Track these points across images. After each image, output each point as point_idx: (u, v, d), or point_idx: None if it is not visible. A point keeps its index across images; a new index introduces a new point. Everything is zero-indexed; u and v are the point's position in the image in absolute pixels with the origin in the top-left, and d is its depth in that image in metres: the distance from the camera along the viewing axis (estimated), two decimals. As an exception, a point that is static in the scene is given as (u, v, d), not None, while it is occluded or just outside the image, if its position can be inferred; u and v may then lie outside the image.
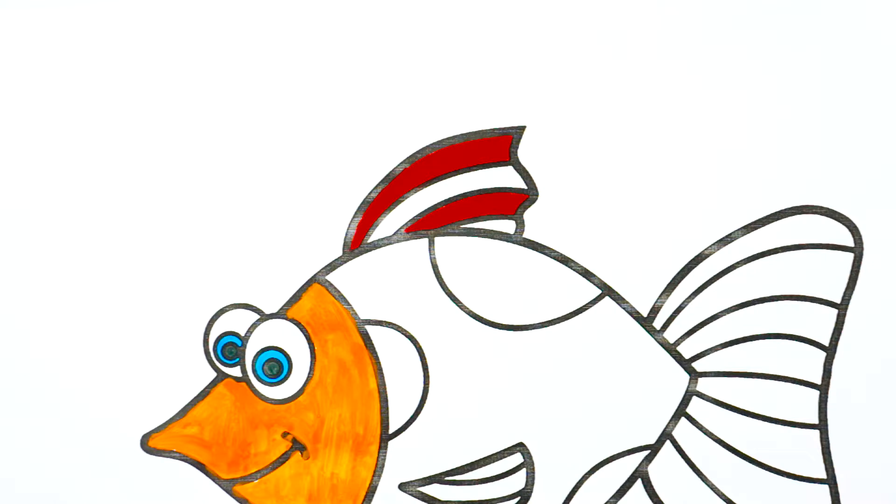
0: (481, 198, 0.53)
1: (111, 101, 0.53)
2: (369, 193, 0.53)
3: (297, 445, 0.53)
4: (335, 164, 0.53)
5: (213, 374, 0.53)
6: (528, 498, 0.53)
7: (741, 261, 0.52)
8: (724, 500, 0.52)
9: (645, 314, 0.52)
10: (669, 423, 0.52)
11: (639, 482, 0.53)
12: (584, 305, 0.52)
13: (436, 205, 0.53)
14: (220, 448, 0.53)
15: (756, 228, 0.52)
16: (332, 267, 0.53)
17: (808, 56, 0.52)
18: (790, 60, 0.52)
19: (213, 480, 0.53)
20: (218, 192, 0.53)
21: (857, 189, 0.52)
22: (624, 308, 0.52)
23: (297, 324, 0.53)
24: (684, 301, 0.52)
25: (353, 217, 0.53)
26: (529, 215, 0.52)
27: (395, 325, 0.53)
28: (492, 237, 0.53)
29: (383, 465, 0.53)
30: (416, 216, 0.53)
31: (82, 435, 0.53)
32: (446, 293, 0.53)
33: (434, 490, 0.53)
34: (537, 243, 0.52)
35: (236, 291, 0.53)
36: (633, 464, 0.53)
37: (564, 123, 0.52)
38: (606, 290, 0.52)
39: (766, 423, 0.52)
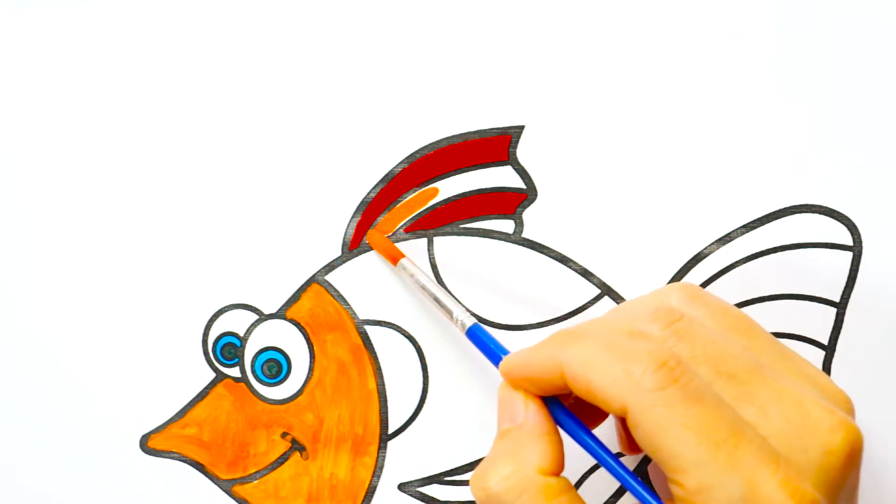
0: (480, 197, 0.53)
1: (109, 101, 0.53)
2: (368, 193, 0.53)
3: (297, 446, 0.53)
4: (333, 164, 0.53)
5: (212, 375, 0.53)
6: (527, 498, 0.53)
7: (740, 260, 0.52)
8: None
9: (644, 314, 0.52)
10: (669, 422, 0.52)
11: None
12: (584, 305, 0.52)
13: (435, 204, 0.53)
14: (220, 448, 0.53)
15: (755, 227, 0.52)
16: (330, 267, 0.53)
17: (808, 55, 0.52)
18: (790, 60, 0.52)
19: (213, 481, 0.53)
20: (216, 192, 0.53)
21: (857, 188, 0.52)
22: (623, 308, 0.52)
23: (296, 324, 0.53)
24: (684, 300, 0.52)
25: (352, 217, 0.53)
26: (528, 215, 0.52)
27: (394, 325, 0.53)
28: (491, 237, 0.53)
29: (383, 466, 0.53)
30: (416, 216, 0.53)
31: (81, 435, 0.53)
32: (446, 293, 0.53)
33: (434, 490, 0.53)
34: (536, 243, 0.52)
35: (235, 292, 0.53)
36: (633, 464, 0.52)
37: (563, 123, 0.52)
38: (605, 290, 0.52)
39: (765, 422, 0.52)
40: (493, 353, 0.46)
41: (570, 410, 0.42)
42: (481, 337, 0.47)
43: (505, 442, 0.41)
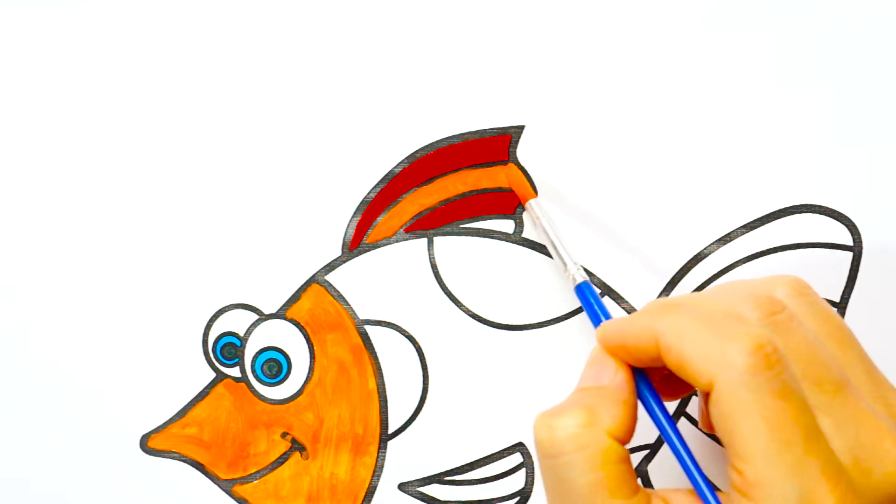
0: (480, 197, 0.53)
1: (109, 101, 0.53)
2: (368, 193, 0.53)
3: (297, 446, 0.53)
4: (334, 164, 0.53)
5: (213, 375, 0.53)
6: (527, 498, 0.53)
7: (741, 260, 0.52)
8: (724, 500, 0.52)
9: (644, 314, 0.52)
10: (669, 422, 0.52)
11: (638, 481, 0.52)
12: (584, 305, 0.52)
13: (435, 204, 0.53)
14: (220, 448, 0.53)
15: (756, 227, 0.52)
16: (331, 267, 0.53)
17: (808, 55, 0.52)
18: (790, 59, 0.52)
19: (213, 481, 0.53)
20: (217, 192, 0.53)
21: (857, 188, 0.52)
22: (623, 308, 0.52)
23: (297, 324, 0.53)
24: (684, 300, 0.52)
25: (352, 217, 0.53)
26: (528, 215, 0.52)
27: (394, 325, 0.53)
28: (491, 237, 0.53)
29: (383, 465, 0.53)
30: (416, 216, 0.53)
31: (82, 435, 0.53)
32: (445, 293, 0.53)
33: (434, 490, 0.53)
34: (536, 243, 0.52)
35: (235, 291, 0.53)
36: (633, 463, 0.52)
37: (563, 123, 0.52)
38: (606, 290, 0.52)
39: (765, 422, 0.52)
40: (596, 314, 0.46)
41: (654, 387, 0.42)
42: (587, 296, 0.47)
43: (583, 396, 0.41)
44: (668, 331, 0.39)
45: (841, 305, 0.52)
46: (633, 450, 0.52)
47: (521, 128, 0.52)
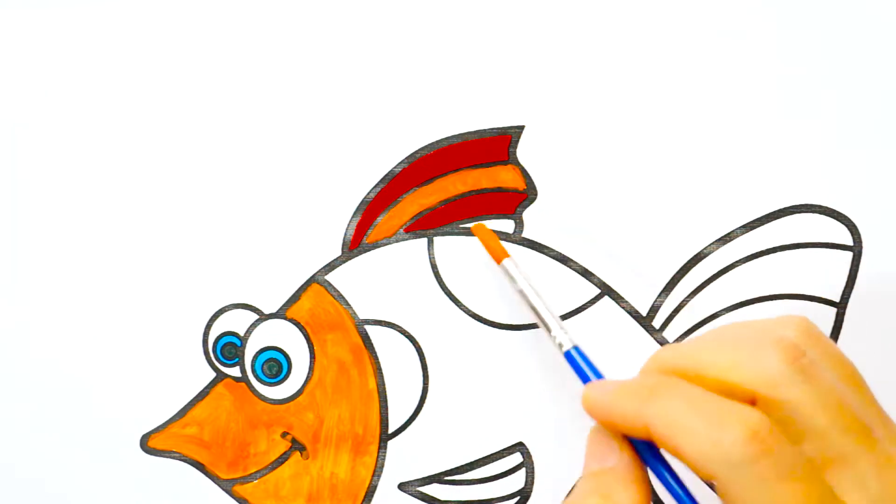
0: (480, 197, 0.53)
1: (110, 101, 0.53)
2: (368, 193, 0.53)
3: (297, 445, 0.53)
4: (333, 164, 0.53)
5: (213, 375, 0.53)
6: (527, 498, 0.53)
7: (740, 259, 0.52)
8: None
9: (644, 313, 0.52)
10: (669, 422, 0.52)
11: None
12: (584, 305, 0.52)
13: (435, 204, 0.53)
14: (220, 448, 0.53)
15: (755, 227, 0.52)
16: (330, 267, 0.53)
17: (808, 55, 0.52)
18: (790, 60, 0.52)
19: (213, 480, 0.53)
20: (217, 192, 0.53)
21: (857, 188, 0.52)
22: (623, 307, 0.52)
23: (297, 324, 0.53)
24: (684, 300, 0.52)
25: (352, 217, 0.53)
26: (528, 215, 0.52)
27: (394, 324, 0.53)
28: (491, 237, 0.53)
29: (383, 465, 0.53)
30: (416, 216, 0.53)
31: (82, 435, 0.53)
32: (445, 293, 0.53)
33: (434, 490, 0.53)
34: (536, 243, 0.52)
35: (235, 291, 0.53)
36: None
37: (563, 123, 0.52)
38: (605, 290, 0.52)
39: (765, 422, 0.52)
40: (588, 381, 0.44)
41: (660, 454, 0.41)
42: (578, 363, 0.44)
43: (595, 482, 0.40)
44: (658, 422, 0.37)
45: (841, 305, 0.52)
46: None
47: (521, 128, 0.52)
